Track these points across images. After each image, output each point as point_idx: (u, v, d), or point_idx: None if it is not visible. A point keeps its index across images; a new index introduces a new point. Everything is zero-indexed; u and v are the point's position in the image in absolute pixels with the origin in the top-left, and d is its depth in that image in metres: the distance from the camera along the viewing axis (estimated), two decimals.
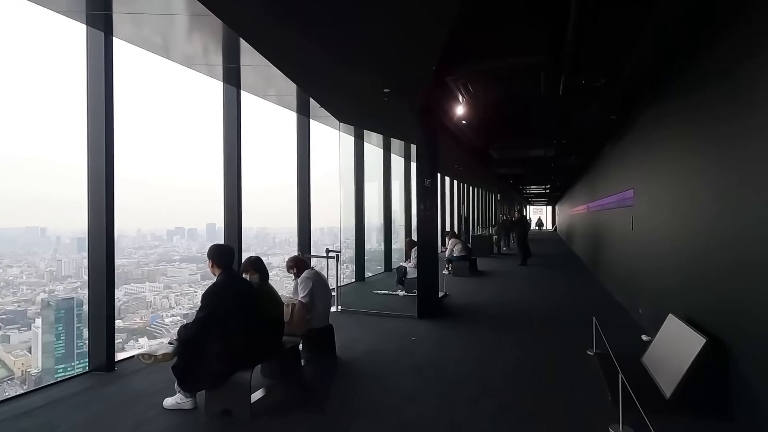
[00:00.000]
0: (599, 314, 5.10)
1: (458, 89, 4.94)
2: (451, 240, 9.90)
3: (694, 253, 3.57)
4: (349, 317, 5.78)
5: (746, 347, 2.69)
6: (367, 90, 4.78)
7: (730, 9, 2.84)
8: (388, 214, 10.01)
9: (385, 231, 10.06)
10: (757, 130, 2.48)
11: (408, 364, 3.96)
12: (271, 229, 12.93)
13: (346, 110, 5.70)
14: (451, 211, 15.42)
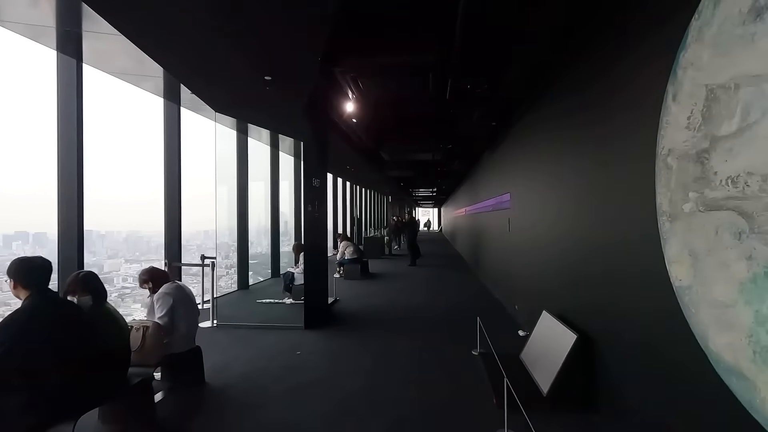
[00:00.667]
0: (481, 312, 5.28)
1: (348, 84, 4.68)
2: (342, 242, 9.64)
3: (562, 253, 3.83)
4: (226, 333, 5.10)
5: (609, 343, 2.88)
6: (246, 76, 4.23)
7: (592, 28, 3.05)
8: (275, 216, 9.35)
9: (273, 234, 9.38)
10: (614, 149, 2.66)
11: (291, 385, 3.53)
12: (145, 233, 11.18)
13: (222, 98, 5.02)
14: (344, 213, 15.22)
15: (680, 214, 1.70)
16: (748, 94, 1.30)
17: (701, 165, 1.53)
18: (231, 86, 4.55)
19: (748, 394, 1.36)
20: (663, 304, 1.97)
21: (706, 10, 1.50)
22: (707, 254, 1.53)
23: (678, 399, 2.00)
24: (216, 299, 5.65)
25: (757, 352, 1.30)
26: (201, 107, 5.40)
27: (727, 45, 1.39)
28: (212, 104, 5.22)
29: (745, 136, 1.31)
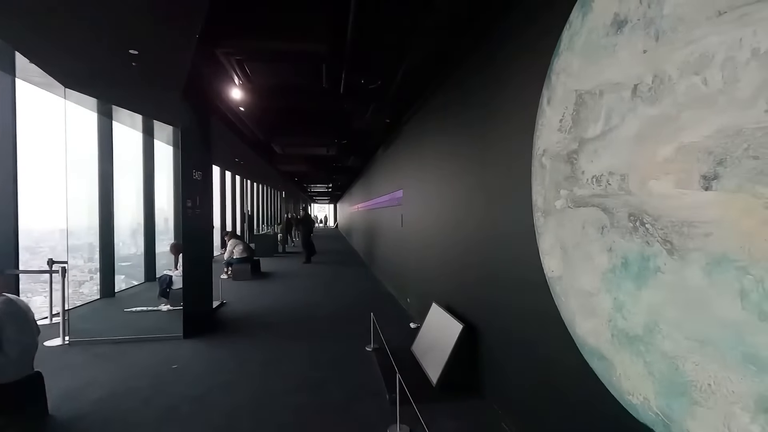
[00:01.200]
0: (375, 307, 5.32)
1: (233, 68, 4.26)
2: (231, 241, 8.92)
3: (450, 247, 4.00)
4: (82, 351, 4.29)
5: (492, 331, 3.08)
6: (105, 48, 3.55)
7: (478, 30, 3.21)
8: (150, 212, 8.24)
9: (147, 232, 8.26)
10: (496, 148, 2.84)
11: (162, 407, 3.08)
12: None
13: (74, 73, 4.16)
14: (233, 209, 14.18)
15: (553, 210, 1.83)
16: (611, 100, 1.42)
17: (571, 165, 1.66)
18: (83, 58, 3.79)
19: (606, 372, 1.51)
20: (538, 294, 2.13)
21: (576, 20, 1.62)
22: (575, 247, 1.67)
23: (550, 379, 2.18)
24: (68, 312, 4.72)
25: (615, 335, 1.44)
26: (50, 82, 4.43)
27: (594, 54, 1.51)
28: (60, 78, 4.32)
29: (607, 139, 1.44)
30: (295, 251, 14.49)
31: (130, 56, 3.70)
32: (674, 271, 1.19)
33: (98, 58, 3.78)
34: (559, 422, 2.12)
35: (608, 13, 1.42)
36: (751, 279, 0.98)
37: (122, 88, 4.58)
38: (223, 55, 3.97)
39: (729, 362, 1.04)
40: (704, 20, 1.07)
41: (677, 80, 1.16)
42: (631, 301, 1.35)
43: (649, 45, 1.25)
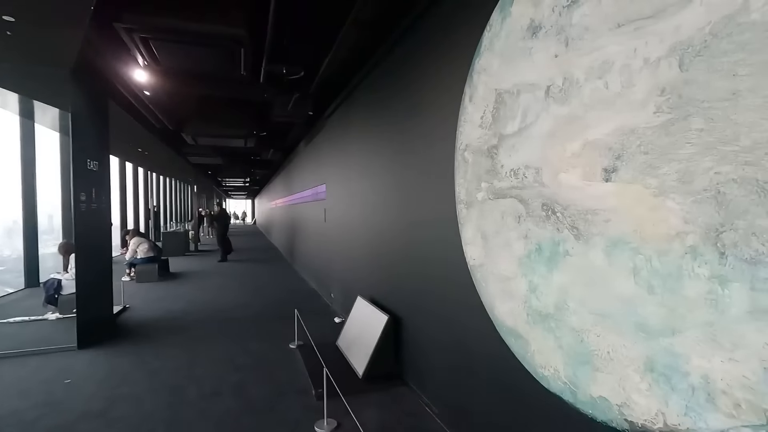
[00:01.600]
0: (298, 304, 5.20)
1: (136, 47, 3.83)
2: (134, 239, 8.06)
3: (375, 240, 4.05)
4: None
5: (416, 320, 3.18)
6: None
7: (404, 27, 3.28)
8: (31, 208, 7.13)
9: (27, 231, 7.14)
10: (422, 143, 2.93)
11: (53, 428, 2.70)
12: None
13: None
14: (135, 205, 12.84)
15: (474, 201, 1.95)
16: (527, 99, 1.54)
17: (491, 159, 1.78)
18: None
19: (522, 349, 1.64)
20: (460, 282, 2.25)
21: (495, 23, 1.73)
22: (495, 236, 1.79)
23: (470, 361, 2.32)
24: None
25: (530, 315, 1.57)
26: None
27: (512, 56, 1.63)
28: None
29: (523, 135, 1.57)
30: (209, 249, 13.58)
31: (4, 24, 3.15)
32: (580, 254, 1.34)
33: None
34: (479, 400, 2.27)
35: (525, 18, 1.54)
36: (642, 258, 1.13)
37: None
38: (124, 32, 3.55)
39: (624, 332, 1.19)
40: (606, 30, 1.21)
41: (583, 83, 1.30)
42: (544, 283, 1.49)
43: (560, 50, 1.38)
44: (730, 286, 0.94)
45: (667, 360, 1.07)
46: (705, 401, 0.99)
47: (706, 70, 0.97)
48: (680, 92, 1.02)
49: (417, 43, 3.04)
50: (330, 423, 2.71)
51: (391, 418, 2.82)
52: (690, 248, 1.01)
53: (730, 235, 0.93)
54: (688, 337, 1.02)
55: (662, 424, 1.09)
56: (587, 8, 1.27)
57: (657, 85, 1.08)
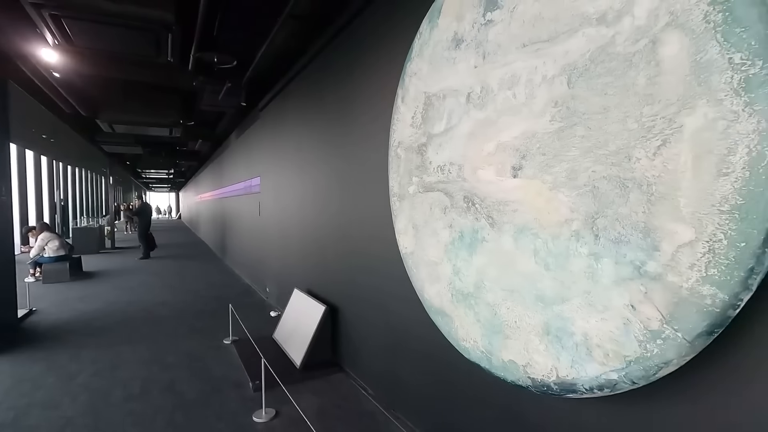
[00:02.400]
0: (232, 299, 5.11)
1: (46, 24, 3.48)
2: (41, 235, 7.26)
3: (311, 232, 4.12)
4: None
5: (352, 308, 3.32)
6: None
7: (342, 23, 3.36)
8: None
9: None
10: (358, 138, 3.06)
11: None
12: None
13: None
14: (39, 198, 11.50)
15: (406, 194, 2.12)
16: (451, 103, 1.73)
17: (421, 156, 1.96)
18: None
19: (447, 326, 1.85)
20: (394, 269, 2.43)
21: (425, 31, 1.90)
22: (424, 225, 1.97)
23: (403, 342, 2.51)
24: None
25: (454, 295, 1.78)
26: None
27: (439, 63, 1.81)
28: None
29: (448, 135, 1.76)
30: (128, 246, 12.59)
31: None
32: (494, 239, 1.55)
33: None
34: (411, 377, 2.47)
35: (450, 31, 1.72)
36: (540, 242, 1.37)
37: None
38: (31, 7, 3.22)
39: (527, 303, 1.42)
40: (514, 49, 1.43)
41: (497, 92, 1.51)
42: (465, 266, 1.70)
43: (479, 62, 1.58)
44: (601, 261, 1.19)
45: (558, 324, 1.32)
46: (585, 354, 1.24)
47: (586, 88, 1.20)
48: (568, 105, 1.25)
49: (354, 42, 3.14)
50: (269, 412, 2.76)
51: (328, 403, 2.94)
52: (574, 232, 1.26)
53: (602, 221, 1.18)
54: (573, 304, 1.27)
55: (555, 377, 1.34)
56: (500, 27, 1.48)
57: (552, 98, 1.30)
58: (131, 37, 3.86)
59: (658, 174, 1.04)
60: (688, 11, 0.98)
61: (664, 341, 1.04)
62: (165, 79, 5.56)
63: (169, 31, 3.74)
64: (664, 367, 1.06)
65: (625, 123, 1.11)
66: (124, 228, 18.85)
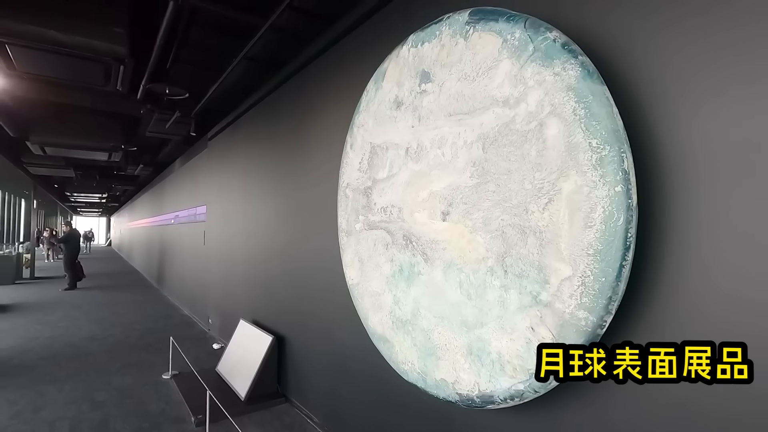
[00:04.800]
0: (171, 332, 4.96)
1: None
2: None
3: (259, 264, 4.18)
4: None
5: (299, 338, 3.42)
6: None
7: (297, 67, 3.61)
8: None
9: None
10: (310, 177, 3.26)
11: None
12: None
13: None
14: None
15: (353, 231, 2.34)
16: (392, 155, 2.01)
17: (367, 197, 2.20)
18: None
19: (388, 351, 2.06)
20: (341, 300, 2.61)
21: (371, 90, 2.20)
22: (369, 259, 2.20)
23: (347, 369, 2.67)
24: None
25: (394, 322, 2.00)
26: None
27: (382, 119, 2.09)
28: None
29: (390, 182, 2.02)
30: (50, 276, 11.55)
31: None
32: (428, 273, 1.81)
33: None
34: (354, 402, 2.62)
35: (392, 93, 2.02)
36: (464, 275, 1.64)
37: None
38: None
39: (454, 328, 1.68)
40: (442, 116, 1.74)
41: (429, 149, 1.81)
42: (404, 296, 1.93)
43: (415, 123, 1.88)
44: (509, 291, 1.47)
45: (479, 345, 1.58)
46: (499, 370, 1.50)
47: (495, 153, 1.52)
48: (483, 166, 1.57)
49: (306, 86, 3.40)
50: None
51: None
52: (490, 268, 1.54)
53: (509, 259, 1.47)
54: (490, 327, 1.54)
55: (477, 391, 1.58)
56: (431, 98, 1.79)
57: (471, 158, 1.61)
58: (79, 66, 3.84)
59: (546, 224, 1.35)
60: (563, 104, 1.32)
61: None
62: (108, 105, 5.45)
63: (122, 63, 3.78)
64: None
65: (522, 183, 1.43)
66: (45, 256, 17.22)
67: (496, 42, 1.52)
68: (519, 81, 1.44)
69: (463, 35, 1.66)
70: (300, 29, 3.28)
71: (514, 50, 1.47)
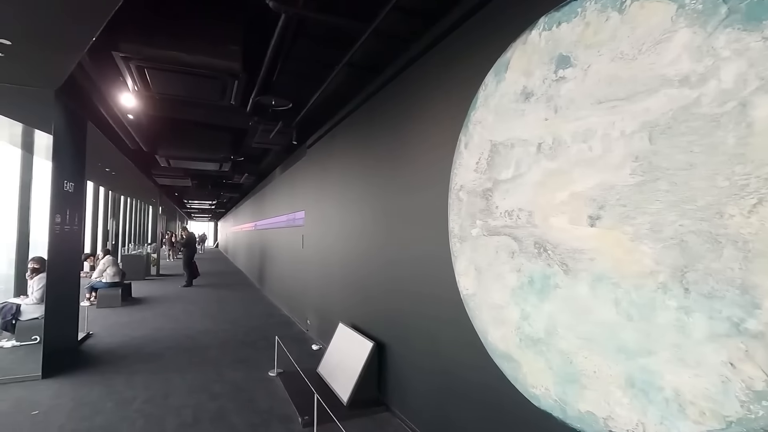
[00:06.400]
0: (272, 330, 5.18)
1: (130, 73, 3.88)
2: (104, 259, 7.73)
3: (359, 269, 4.19)
4: None
5: (401, 347, 3.32)
6: None
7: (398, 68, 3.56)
8: None
9: None
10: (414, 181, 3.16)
11: None
12: None
13: None
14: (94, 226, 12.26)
15: (468, 236, 2.17)
16: (519, 152, 1.80)
17: (486, 200, 2.02)
18: None
19: (513, 371, 1.84)
20: (451, 310, 2.44)
21: (491, 84, 2.01)
22: (488, 268, 2.00)
23: (459, 383, 2.48)
24: None
25: (522, 340, 1.78)
26: None
27: (505, 114, 1.90)
28: None
29: (516, 182, 1.82)
30: (171, 273, 13.09)
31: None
32: (568, 286, 1.57)
33: None
34: (466, 420, 2.42)
35: (518, 84, 1.82)
36: (622, 291, 1.37)
37: None
38: (122, 60, 3.62)
39: (607, 353, 1.41)
40: (588, 104, 1.50)
41: (570, 144, 1.57)
42: (535, 311, 1.71)
43: (550, 115, 1.66)
44: (693, 315, 1.18)
45: (644, 377, 1.30)
46: (677, 411, 1.22)
47: (669, 145, 1.25)
48: (650, 160, 1.30)
49: (409, 89, 3.31)
50: None
51: None
52: (661, 284, 1.26)
53: (692, 274, 1.19)
54: (661, 357, 1.26)
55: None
56: (572, 84, 1.56)
57: (631, 152, 1.35)
58: (201, 84, 4.22)
59: (755, 231, 1.05)
60: None
61: None
62: (221, 119, 5.97)
63: (236, 78, 4.07)
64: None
65: (714, 180, 1.14)
66: (166, 256, 19.64)
67: (668, 9, 1.25)
68: (705, 53, 1.16)
69: (616, 8, 1.41)
70: (401, 31, 3.22)
71: (696, 16, 1.18)
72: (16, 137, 6.39)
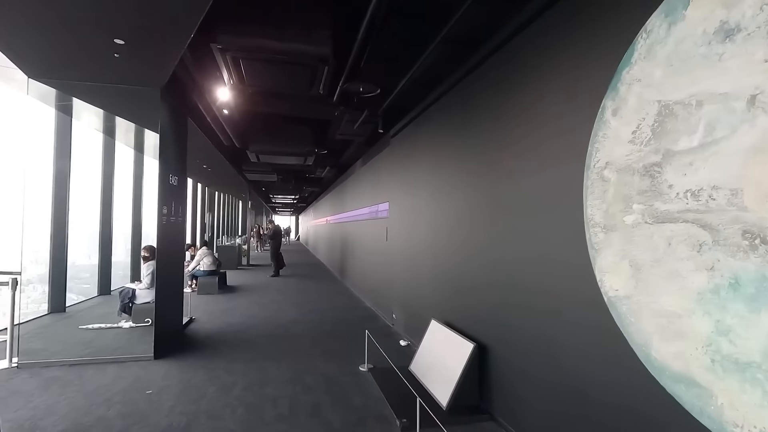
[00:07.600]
0: (357, 323, 5.05)
1: (226, 66, 3.94)
2: (201, 250, 8.34)
3: (455, 263, 3.85)
4: (33, 376, 3.71)
5: (506, 351, 2.94)
6: (88, 35, 3.15)
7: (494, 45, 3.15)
8: (107, 218, 7.53)
9: (103, 241, 7.51)
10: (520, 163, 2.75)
11: None
12: None
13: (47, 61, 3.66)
14: (194, 219, 13.38)
15: (619, 225, 1.74)
16: (713, 111, 1.35)
17: (650, 178, 1.58)
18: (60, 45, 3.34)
19: (699, 401, 1.40)
20: (584, 313, 2.03)
21: (657, 29, 1.56)
22: (654, 264, 1.57)
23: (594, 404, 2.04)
24: (18, 327, 4.09)
25: (717, 361, 1.34)
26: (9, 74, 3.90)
27: (686, 64, 1.45)
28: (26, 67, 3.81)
29: (709, 152, 1.37)
30: (259, 264, 13.87)
31: (115, 47, 3.32)
32: None
33: (78, 45, 3.34)
34: None
35: (710, 22, 1.36)
36: None
37: (98, 83, 4.10)
38: (219, 52, 3.66)
39: None
40: None
41: None
42: (744, 325, 1.26)
43: None
44: None
45: None
46: None
47: None
48: None
49: (520, 55, 2.88)
50: None
51: None
52: None
53: None
54: None
55: None
56: None
57: None
58: (292, 73, 4.17)
59: None
60: None
61: None
62: (308, 111, 5.98)
63: (326, 64, 3.95)
64: None
65: None
66: (254, 247, 21.00)
67: None
68: None
69: None
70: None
71: None
72: (130, 138, 7.04)
